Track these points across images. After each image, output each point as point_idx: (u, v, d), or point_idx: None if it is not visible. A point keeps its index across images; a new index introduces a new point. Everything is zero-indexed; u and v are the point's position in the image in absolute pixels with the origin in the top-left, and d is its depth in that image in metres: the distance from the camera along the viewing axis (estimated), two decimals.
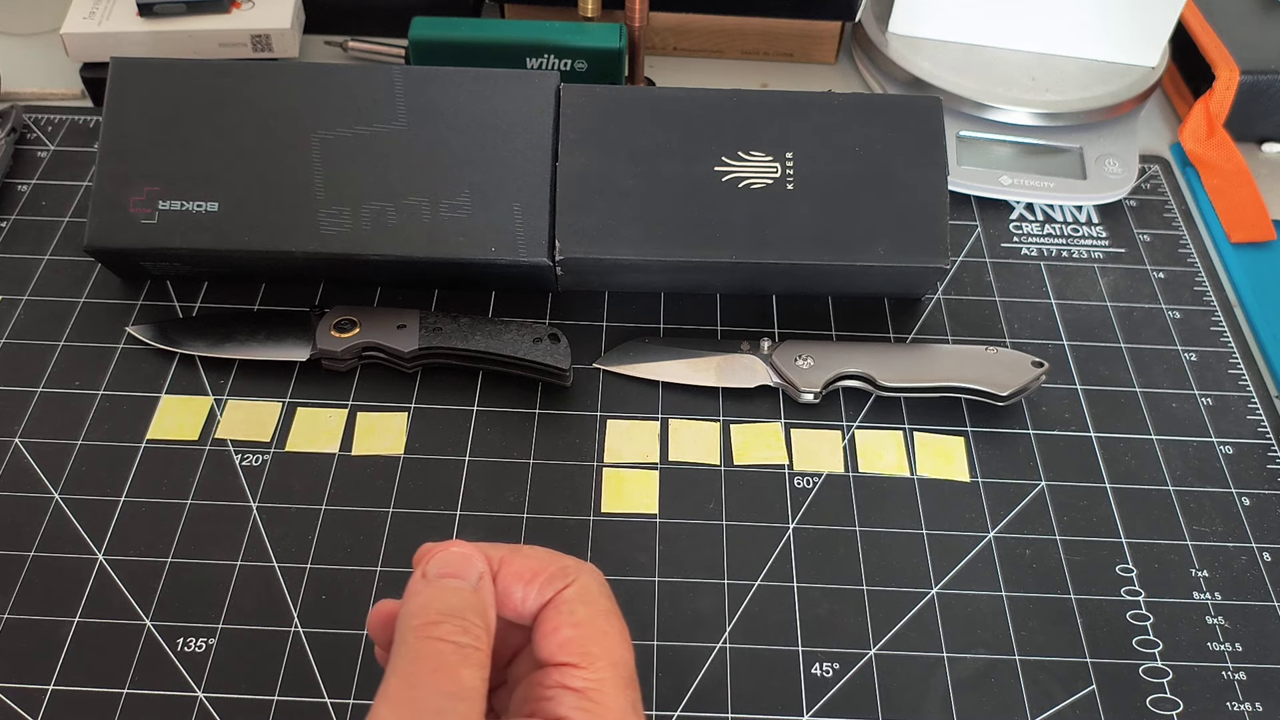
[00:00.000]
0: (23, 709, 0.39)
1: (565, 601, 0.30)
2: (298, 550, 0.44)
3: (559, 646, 0.29)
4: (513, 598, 0.31)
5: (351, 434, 0.48)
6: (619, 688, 0.29)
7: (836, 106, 0.51)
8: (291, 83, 0.50)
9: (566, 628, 0.30)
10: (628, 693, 0.29)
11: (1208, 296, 0.55)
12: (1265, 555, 0.46)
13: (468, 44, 0.58)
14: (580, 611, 0.30)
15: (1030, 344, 0.52)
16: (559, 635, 0.30)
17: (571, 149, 0.50)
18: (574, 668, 0.29)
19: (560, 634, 0.30)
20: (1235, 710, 0.41)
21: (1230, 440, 0.49)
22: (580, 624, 0.30)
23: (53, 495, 0.45)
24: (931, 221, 0.50)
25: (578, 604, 0.30)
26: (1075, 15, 0.61)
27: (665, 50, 0.68)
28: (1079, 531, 0.46)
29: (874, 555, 0.45)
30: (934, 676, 0.41)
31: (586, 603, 0.30)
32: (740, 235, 0.49)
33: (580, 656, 0.29)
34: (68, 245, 0.55)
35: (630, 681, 0.30)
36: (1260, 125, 0.64)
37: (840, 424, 0.49)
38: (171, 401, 0.48)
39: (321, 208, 0.49)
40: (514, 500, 0.46)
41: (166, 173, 0.49)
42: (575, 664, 0.29)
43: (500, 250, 0.49)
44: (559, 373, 0.48)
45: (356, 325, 0.49)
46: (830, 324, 0.53)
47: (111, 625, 0.42)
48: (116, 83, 0.50)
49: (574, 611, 0.30)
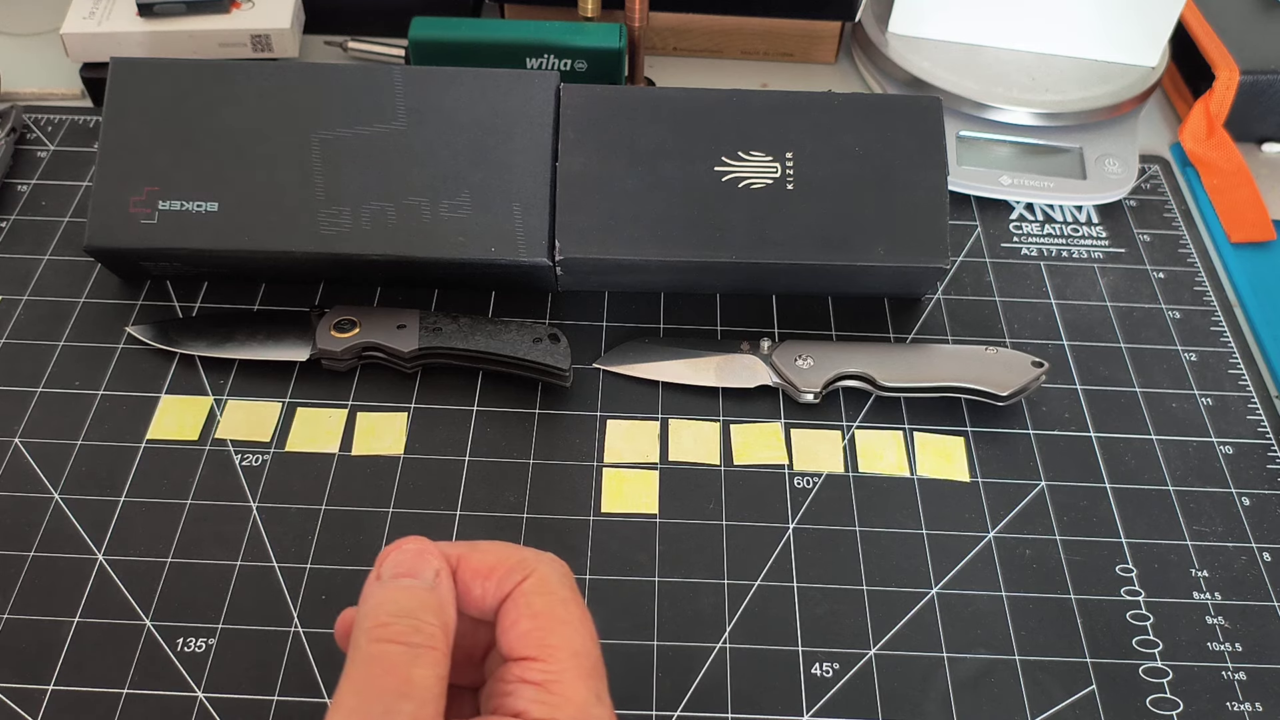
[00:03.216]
0: (23, 709, 0.39)
1: (523, 594, 0.30)
2: (298, 550, 0.44)
3: (518, 640, 0.29)
4: (473, 593, 0.30)
5: (351, 434, 0.48)
6: (580, 678, 0.29)
7: (836, 106, 0.51)
8: (291, 83, 0.50)
9: (524, 620, 0.29)
10: (590, 682, 0.29)
11: (1208, 296, 0.55)
12: (1265, 555, 0.46)
13: (468, 44, 0.58)
14: (538, 603, 0.30)
15: (1030, 344, 0.52)
16: (517, 629, 0.29)
17: (571, 149, 0.50)
18: (533, 660, 0.29)
19: (519, 627, 0.29)
20: (1235, 710, 0.41)
21: (1230, 440, 0.49)
22: (538, 615, 0.29)
23: (53, 495, 0.45)
24: (931, 221, 0.50)
25: (535, 595, 0.30)
26: (1075, 15, 0.61)
27: (665, 50, 0.68)
28: (1079, 531, 0.46)
29: (874, 555, 0.45)
30: (934, 676, 0.41)
31: (544, 593, 0.30)
32: (740, 235, 0.49)
33: (539, 649, 0.29)
34: (68, 245, 0.55)
35: (593, 671, 0.29)
36: (1260, 125, 0.64)
37: (840, 424, 0.49)
38: (171, 401, 0.48)
39: (321, 208, 0.49)
40: (514, 500, 0.46)
41: (166, 173, 0.49)
42: (534, 657, 0.29)
43: (500, 250, 0.49)
44: (559, 373, 0.48)
45: (356, 325, 0.49)
46: (830, 324, 0.53)
47: (111, 625, 0.42)
48: (116, 83, 0.50)
49: (531, 604, 0.30)
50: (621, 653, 0.41)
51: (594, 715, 0.29)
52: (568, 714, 0.28)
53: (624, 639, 0.42)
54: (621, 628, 0.42)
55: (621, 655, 0.41)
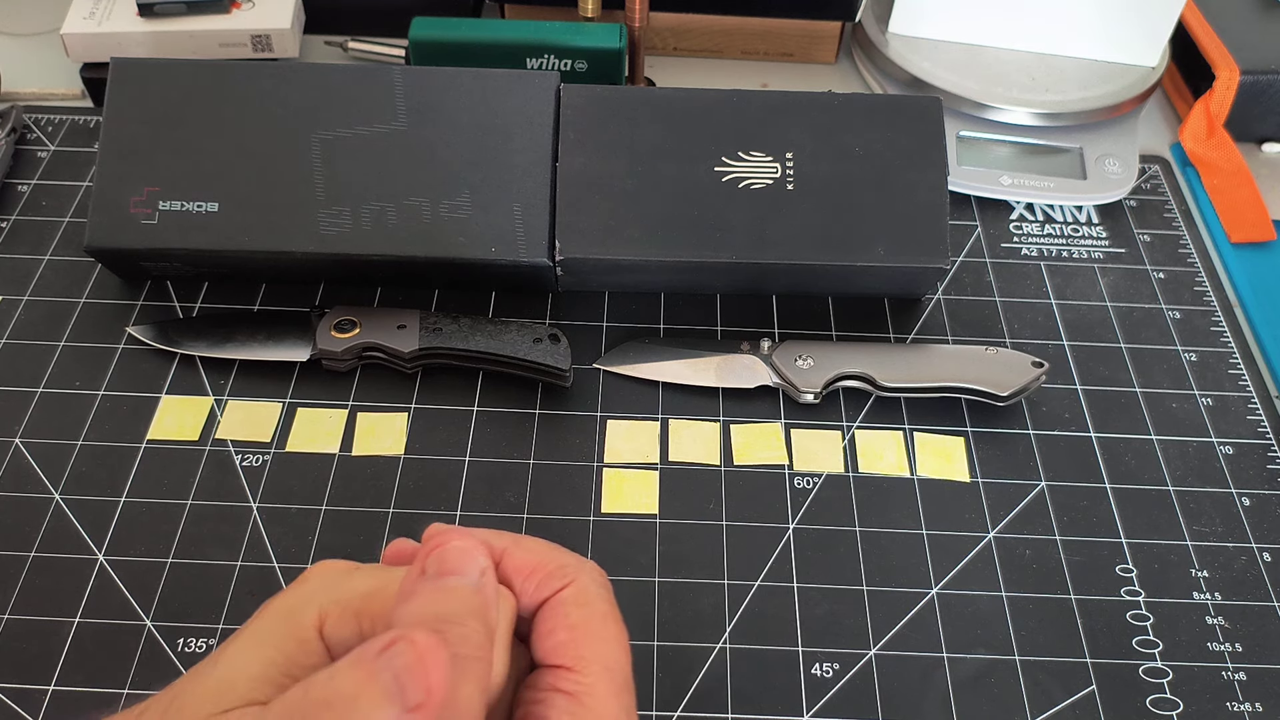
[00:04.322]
0: (23, 709, 0.39)
1: (562, 603, 0.30)
2: (298, 550, 0.44)
3: (553, 649, 0.29)
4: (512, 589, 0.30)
5: (351, 434, 0.48)
6: (612, 693, 0.29)
7: (836, 106, 0.51)
8: (291, 83, 0.50)
9: (562, 630, 0.29)
10: (621, 698, 0.29)
11: (1208, 296, 0.55)
12: (1265, 555, 0.46)
13: (468, 44, 0.58)
14: (576, 614, 0.30)
15: (1030, 344, 0.53)
16: (554, 638, 0.29)
17: (571, 149, 0.50)
18: (567, 670, 0.29)
19: (555, 636, 0.29)
20: (1235, 710, 0.41)
21: (1230, 440, 0.49)
22: (575, 627, 0.30)
23: (53, 495, 0.45)
24: (931, 221, 0.50)
25: (574, 606, 0.30)
26: (1075, 15, 0.61)
27: (665, 50, 0.68)
28: (1079, 531, 0.46)
29: (874, 555, 0.45)
30: (934, 676, 0.41)
31: (583, 605, 0.30)
32: (740, 235, 0.49)
33: (574, 660, 0.29)
34: (68, 245, 0.55)
35: (625, 687, 0.30)
36: (1260, 125, 0.64)
37: (840, 424, 0.49)
38: (172, 402, 0.48)
39: (321, 208, 0.49)
40: (514, 500, 0.46)
41: (166, 173, 0.49)
42: (568, 667, 0.29)
43: (500, 250, 0.49)
44: (559, 373, 0.48)
45: (356, 325, 0.49)
46: (830, 324, 0.53)
47: (111, 625, 0.42)
48: (116, 83, 0.50)
49: (570, 614, 0.30)
50: None
51: None
52: None
53: None
54: None
55: None
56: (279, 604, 0.29)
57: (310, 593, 0.29)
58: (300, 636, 0.27)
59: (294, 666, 0.27)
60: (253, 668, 0.27)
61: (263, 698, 0.26)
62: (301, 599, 0.28)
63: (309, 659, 0.27)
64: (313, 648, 0.27)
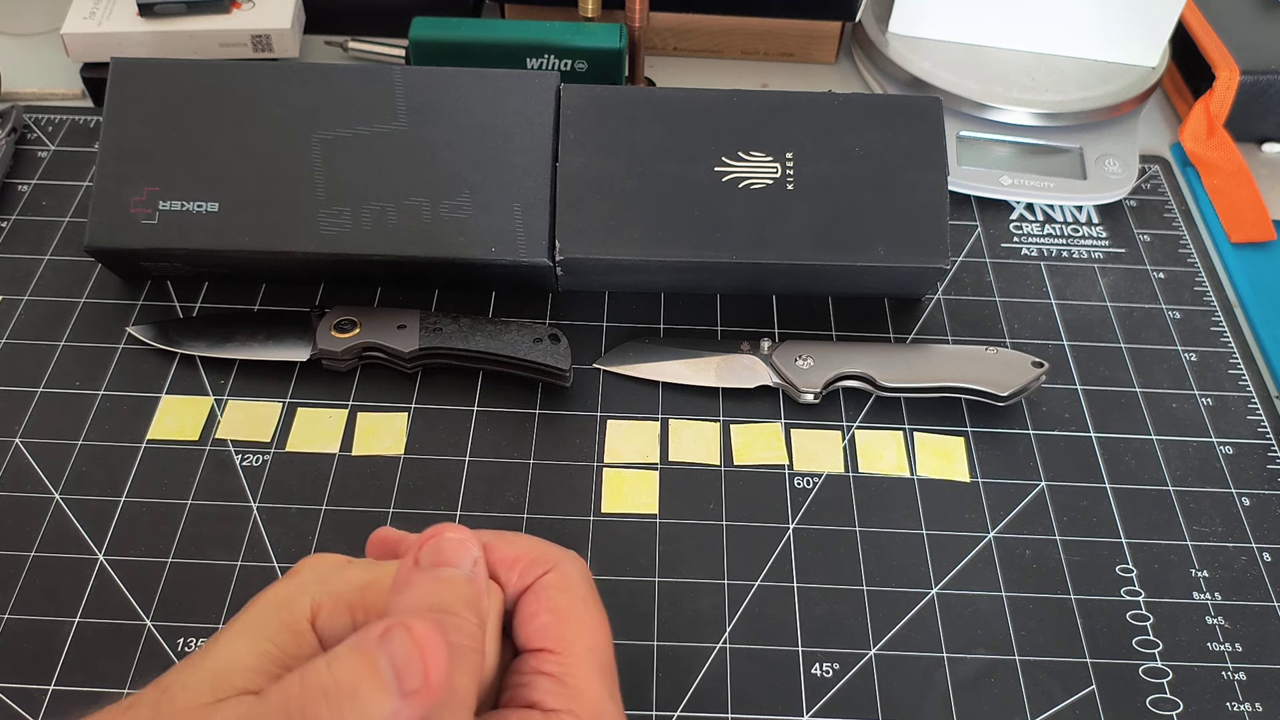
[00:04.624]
0: (23, 709, 0.39)
1: (544, 588, 0.30)
2: (298, 550, 0.44)
3: (536, 632, 0.30)
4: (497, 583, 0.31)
5: (352, 434, 0.48)
6: (595, 674, 0.29)
7: (836, 106, 0.51)
8: (291, 83, 0.50)
9: (544, 614, 0.30)
10: (604, 679, 0.29)
11: (1208, 296, 0.55)
12: (1265, 555, 0.46)
13: (468, 44, 0.58)
14: (558, 598, 0.30)
15: (1030, 344, 0.53)
16: (536, 621, 0.30)
17: (571, 149, 0.50)
18: (550, 653, 0.29)
19: (538, 620, 0.30)
20: (1235, 710, 0.41)
21: (1230, 440, 0.49)
22: (558, 610, 0.30)
23: (53, 495, 0.45)
24: (931, 221, 0.50)
25: (556, 591, 0.30)
26: (1075, 15, 0.61)
27: (665, 50, 0.68)
28: (1079, 531, 0.46)
29: (874, 555, 0.45)
30: (934, 677, 0.41)
31: (565, 589, 0.30)
32: (740, 235, 0.49)
33: (556, 642, 0.29)
34: (68, 245, 0.55)
35: (607, 669, 0.30)
36: (1260, 125, 0.64)
37: (840, 424, 0.49)
38: (172, 402, 0.48)
39: (321, 208, 0.49)
40: (514, 500, 0.46)
41: (166, 173, 0.49)
42: (551, 650, 0.29)
43: (500, 250, 0.49)
44: (559, 373, 0.48)
45: (356, 325, 0.49)
46: (830, 324, 0.53)
47: (111, 625, 0.42)
48: (116, 83, 0.50)
49: (552, 598, 0.30)
50: (621, 653, 0.41)
51: (608, 710, 0.29)
52: (583, 707, 0.28)
53: (624, 639, 0.42)
54: (621, 628, 0.42)
55: (621, 655, 0.41)
56: (272, 595, 0.29)
57: (303, 584, 0.29)
58: (294, 628, 0.28)
59: (287, 657, 0.27)
60: (246, 658, 0.27)
61: (256, 688, 0.26)
62: (295, 590, 0.28)
63: (302, 650, 0.27)
64: (306, 639, 0.28)
